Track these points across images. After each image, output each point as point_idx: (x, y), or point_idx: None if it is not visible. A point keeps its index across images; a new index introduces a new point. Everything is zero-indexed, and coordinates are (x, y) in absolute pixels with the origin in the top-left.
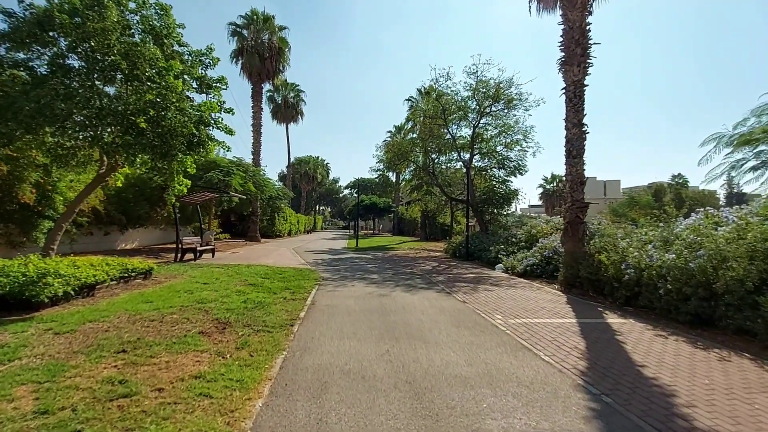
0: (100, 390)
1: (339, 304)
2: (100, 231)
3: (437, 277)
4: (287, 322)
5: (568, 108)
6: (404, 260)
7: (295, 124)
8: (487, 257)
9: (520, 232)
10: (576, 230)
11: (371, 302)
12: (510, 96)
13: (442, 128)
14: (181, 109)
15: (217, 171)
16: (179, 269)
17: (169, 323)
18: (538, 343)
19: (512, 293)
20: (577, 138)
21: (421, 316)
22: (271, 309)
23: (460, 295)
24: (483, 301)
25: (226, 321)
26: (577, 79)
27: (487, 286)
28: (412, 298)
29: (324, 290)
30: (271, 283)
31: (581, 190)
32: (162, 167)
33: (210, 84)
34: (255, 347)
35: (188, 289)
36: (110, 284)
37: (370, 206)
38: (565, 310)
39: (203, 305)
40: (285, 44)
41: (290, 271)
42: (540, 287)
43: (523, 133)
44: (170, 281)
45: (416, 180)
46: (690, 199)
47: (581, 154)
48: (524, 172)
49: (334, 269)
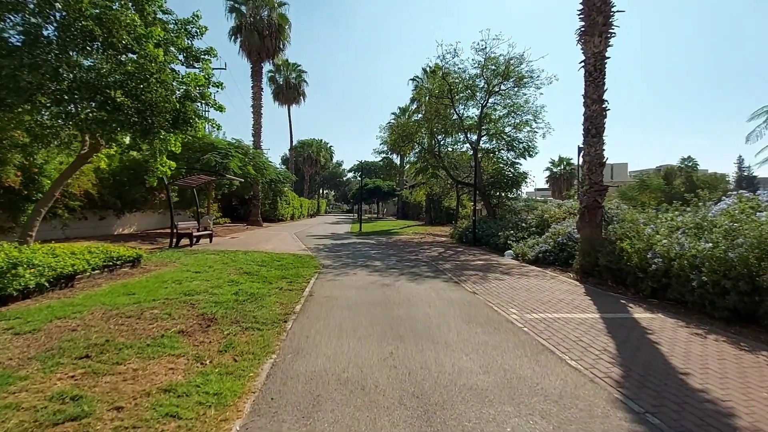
0: (46, 410)
1: (339, 296)
2: (95, 216)
3: (444, 265)
4: (281, 317)
5: (587, 83)
6: (409, 246)
7: (297, 105)
8: (495, 243)
9: (531, 217)
10: (594, 215)
11: (374, 293)
12: (520, 73)
13: (448, 108)
14: (162, 81)
15: (214, 153)
16: (172, 256)
17: (148, 320)
18: (562, 343)
19: (525, 283)
20: (597, 115)
21: (427, 309)
22: (264, 301)
23: (470, 285)
24: (494, 291)
25: (213, 317)
26: (597, 50)
27: (498, 275)
28: (418, 289)
29: (324, 279)
30: (267, 271)
31: (600, 172)
32: (143, 147)
33: (197, 56)
34: (241, 349)
35: (177, 278)
36: (92, 274)
37: (374, 190)
38: (585, 303)
39: (190, 298)
40: (285, 21)
41: (289, 258)
42: (554, 276)
43: (533, 113)
44: (160, 270)
45: (421, 162)
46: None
47: (601, 133)
48: (534, 153)
49: (335, 256)
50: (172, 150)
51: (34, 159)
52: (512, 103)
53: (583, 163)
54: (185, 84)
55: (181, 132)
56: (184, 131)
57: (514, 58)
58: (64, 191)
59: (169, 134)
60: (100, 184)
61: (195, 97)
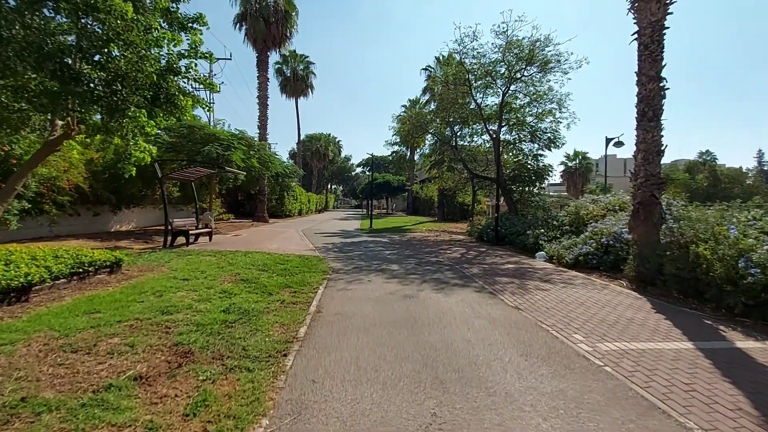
0: None
1: (353, 312)
2: (88, 212)
3: (470, 269)
4: (279, 347)
5: (642, 58)
6: (425, 245)
7: (305, 98)
8: (523, 243)
9: (562, 214)
10: (650, 213)
11: (395, 308)
12: (546, 57)
13: (466, 96)
14: (131, 43)
15: (215, 145)
16: (162, 258)
17: (100, 355)
18: (671, 396)
19: (574, 294)
20: (655, 95)
21: (467, 333)
22: (260, 322)
23: (509, 297)
24: (542, 306)
25: (189, 349)
26: (655, 19)
27: (538, 283)
28: (448, 302)
29: (334, 288)
30: (268, 278)
31: (658, 162)
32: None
33: (183, 23)
34: (217, 409)
35: (159, 289)
36: (56, 284)
37: (384, 185)
38: (663, 325)
39: (167, 318)
40: (292, 7)
41: (295, 260)
42: (605, 285)
43: (557, 101)
44: (142, 276)
45: (437, 155)
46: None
47: (659, 115)
48: (560, 144)
49: (346, 257)
50: (147, 131)
51: (12, 149)
52: (534, 91)
53: (636, 152)
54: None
55: (162, 111)
56: (166, 111)
57: (539, 41)
58: (52, 185)
59: (139, 111)
60: (92, 177)
61: (178, 70)
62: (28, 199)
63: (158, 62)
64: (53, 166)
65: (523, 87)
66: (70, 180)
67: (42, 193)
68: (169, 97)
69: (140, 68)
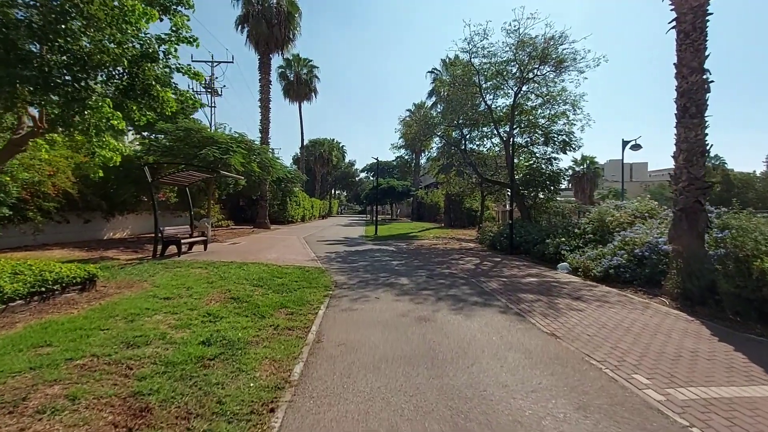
0: None
1: (359, 342)
2: (78, 219)
3: (489, 283)
4: (266, 396)
5: (682, 48)
6: (435, 254)
7: (309, 102)
8: (541, 252)
9: (584, 221)
10: (695, 221)
11: (409, 335)
12: (561, 56)
13: (476, 96)
14: (91, 17)
15: (213, 148)
16: (147, 271)
17: (26, 416)
18: None
19: (615, 316)
20: (698, 89)
21: (501, 373)
22: (246, 357)
23: (540, 320)
24: (582, 332)
25: (146, 404)
26: (697, 3)
27: (569, 301)
28: (470, 327)
29: (337, 309)
30: (263, 295)
31: (702, 163)
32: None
33: (165, 4)
34: None
35: (133, 311)
36: (9, 307)
37: (388, 190)
38: (738, 360)
39: (132, 353)
40: (295, 9)
41: (294, 272)
42: (644, 303)
43: (571, 102)
44: (118, 295)
45: (445, 159)
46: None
47: (702, 111)
48: (576, 147)
49: (350, 268)
50: (114, 125)
51: None
52: (547, 92)
53: (676, 153)
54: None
55: (136, 104)
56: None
57: (555, 38)
58: (36, 191)
59: (102, 100)
60: (81, 182)
61: (155, 56)
62: (9, 206)
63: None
64: (37, 170)
65: (536, 88)
66: (56, 185)
67: (25, 199)
68: (147, 89)
69: (104, 49)
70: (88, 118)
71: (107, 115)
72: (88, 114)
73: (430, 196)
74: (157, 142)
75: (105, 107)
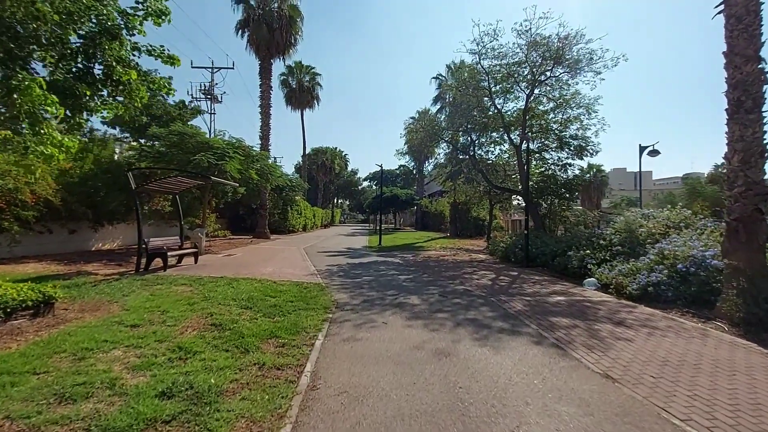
0: None
1: (365, 389)
2: (62, 229)
3: (511, 303)
4: None
5: (733, 35)
6: (444, 266)
7: (311, 110)
8: (563, 265)
9: (609, 231)
10: (755, 232)
11: (428, 378)
12: (576, 56)
13: (485, 99)
14: None
15: (208, 153)
16: (121, 290)
17: None
18: None
19: (673, 348)
20: (754, 79)
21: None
22: (215, 418)
23: (586, 354)
24: (642, 372)
25: None
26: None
27: (611, 327)
28: (502, 365)
29: (337, 338)
30: (250, 320)
31: (761, 165)
32: None
33: None
34: None
35: (87, 344)
36: None
37: (391, 199)
38: None
39: (62, 412)
40: (297, 13)
41: (290, 289)
42: (700, 329)
43: (585, 106)
44: (78, 320)
45: (453, 165)
46: None
47: (760, 105)
48: (592, 152)
49: (353, 284)
50: (51, 112)
51: None
52: (559, 96)
53: (729, 154)
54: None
55: (91, 90)
56: (97, 90)
57: (569, 37)
58: (13, 199)
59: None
60: (65, 190)
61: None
62: None
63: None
64: (13, 176)
65: (548, 91)
66: (36, 193)
67: (3, 208)
68: (109, 73)
69: (40, 16)
70: (19, 105)
71: (38, 99)
72: (23, 100)
73: (434, 204)
74: (150, 148)
75: (34, 88)
